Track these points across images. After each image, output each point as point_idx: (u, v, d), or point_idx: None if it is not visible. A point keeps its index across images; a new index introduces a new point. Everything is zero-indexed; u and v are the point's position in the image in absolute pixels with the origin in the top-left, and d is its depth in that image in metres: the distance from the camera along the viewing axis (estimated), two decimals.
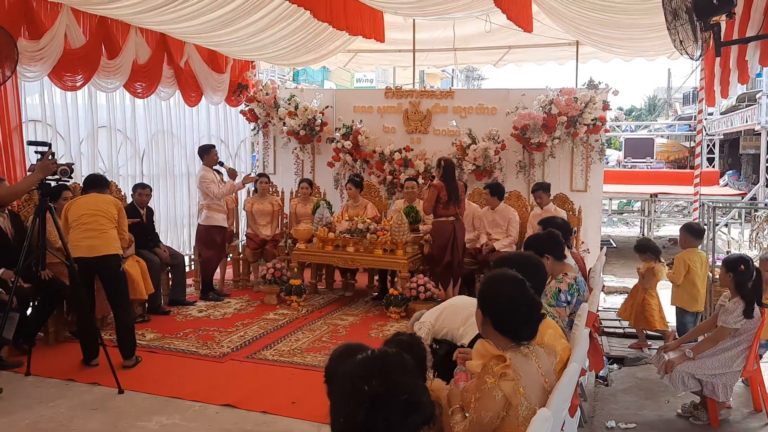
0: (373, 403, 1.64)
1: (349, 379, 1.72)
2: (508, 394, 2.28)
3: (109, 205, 5.26)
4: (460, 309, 3.81)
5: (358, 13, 8.21)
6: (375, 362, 1.76)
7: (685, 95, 25.80)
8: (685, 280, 5.59)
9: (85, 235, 5.08)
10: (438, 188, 6.95)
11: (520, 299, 2.47)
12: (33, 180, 4.51)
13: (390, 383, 1.68)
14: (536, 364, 2.44)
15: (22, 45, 5.99)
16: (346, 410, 1.67)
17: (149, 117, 8.32)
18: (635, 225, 16.81)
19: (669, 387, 4.58)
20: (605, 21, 7.55)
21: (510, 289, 2.50)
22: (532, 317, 2.48)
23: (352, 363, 1.77)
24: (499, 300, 2.48)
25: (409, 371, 1.76)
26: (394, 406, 1.65)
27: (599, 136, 8.65)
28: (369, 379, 1.67)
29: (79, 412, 4.38)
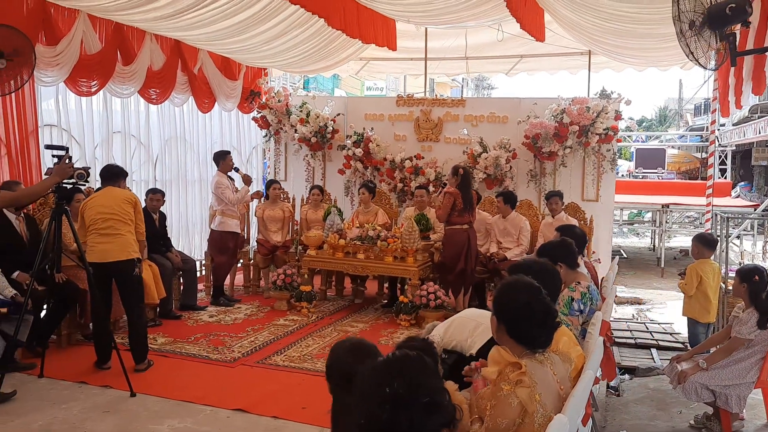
0: (396, 404, 1.65)
1: (370, 380, 1.73)
2: (524, 401, 2.27)
3: (124, 203, 5.22)
4: (468, 321, 3.81)
5: (371, 21, 8.26)
6: (396, 363, 1.76)
7: (696, 106, 25.73)
8: (697, 291, 5.56)
9: (99, 240, 5.11)
10: (454, 195, 6.92)
11: (536, 306, 2.46)
12: (49, 183, 4.55)
13: (412, 385, 1.68)
14: (551, 371, 2.44)
15: (39, 50, 6.06)
16: (367, 411, 1.68)
17: (163, 123, 8.39)
18: (646, 236, 16.75)
19: (681, 398, 4.56)
20: (619, 31, 7.54)
21: (525, 295, 2.49)
22: (547, 324, 2.47)
23: (373, 364, 1.77)
24: (514, 306, 2.47)
25: (430, 373, 1.77)
26: (417, 407, 1.66)
27: (611, 146, 8.63)
28: (391, 381, 1.68)
29: (91, 415, 4.40)
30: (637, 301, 9.12)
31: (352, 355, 2.40)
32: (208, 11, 6.90)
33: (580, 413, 2.44)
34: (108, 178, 5.34)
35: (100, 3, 6.34)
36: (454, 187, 6.98)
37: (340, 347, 2.50)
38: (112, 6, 6.42)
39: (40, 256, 4.67)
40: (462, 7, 7.60)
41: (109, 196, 5.24)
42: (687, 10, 4.09)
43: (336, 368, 2.43)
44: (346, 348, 2.48)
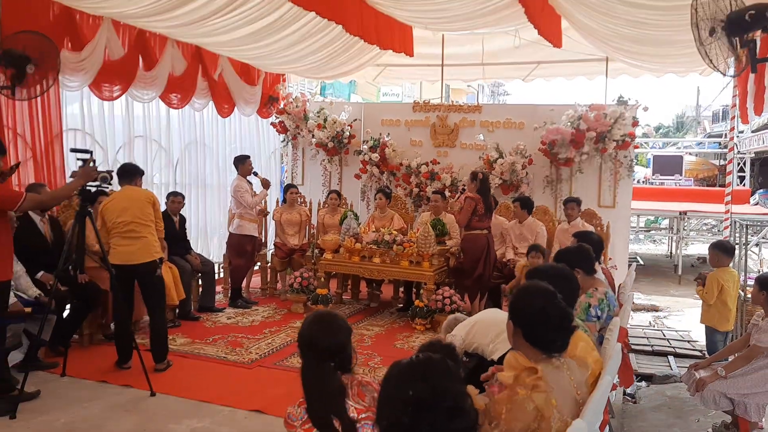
0: (418, 407, 1.67)
1: (394, 382, 1.75)
2: (540, 407, 2.27)
3: (144, 204, 5.29)
4: (492, 325, 3.82)
5: (388, 27, 8.31)
6: (420, 367, 1.78)
7: (714, 113, 25.53)
8: (716, 300, 5.54)
9: (121, 243, 5.20)
10: (476, 200, 6.94)
11: (551, 310, 2.47)
12: (74, 186, 4.63)
13: (435, 388, 1.70)
14: (568, 376, 2.44)
15: (64, 56, 6.17)
16: (390, 413, 1.70)
17: (183, 127, 8.49)
18: (662, 243, 16.64)
19: (699, 406, 4.54)
20: (636, 37, 7.53)
21: (541, 300, 2.50)
22: (564, 328, 2.48)
23: (398, 366, 1.80)
24: (530, 311, 2.48)
25: (453, 377, 1.78)
26: (439, 411, 1.67)
27: (628, 152, 8.61)
28: (414, 384, 1.70)
29: (112, 414, 4.47)
30: (653, 309, 9.08)
31: (315, 324, 2.64)
32: (228, 18, 6.98)
33: (598, 419, 2.45)
34: (125, 176, 5.39)
35: (123, 9, 6.45)
36: (474, 192, 7.00)
37: (306, 318, 2.72)
38: (135, 12, 6.53)
39: (63, 257, 4.76)
40: (479, 14, 7.63)
41: (129, 197, 5.30)
42: (706, 17, 4.09)
43: (300, 336, 2.67)
44: (310, 319, 2.69)
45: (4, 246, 4.37)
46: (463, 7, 7.41)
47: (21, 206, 4.33)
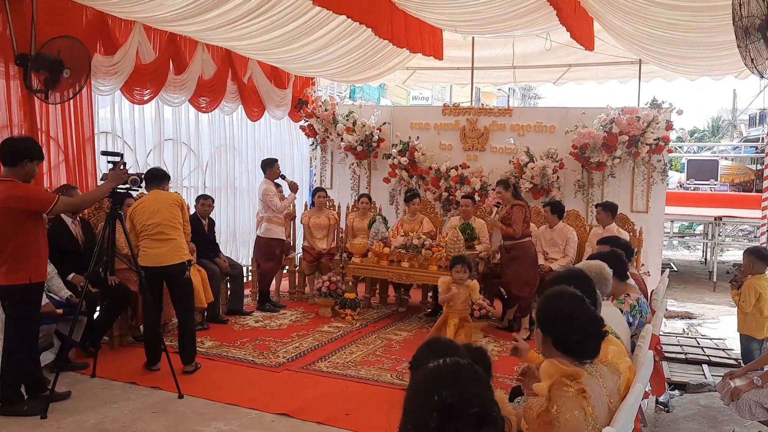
0: (444, 413, 1.62)
1: (419, 388, 1.71)
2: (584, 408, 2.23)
3: (172, 206, 5.34)
4: None
5: (418, 30, 8.30)
6: (447, 371, 1.74)
7: (751, 116, 24.96)
8: (753, 308, 5.39)
9: (151, 245, 5.25)
10: (524, 208, 6.84)
11: (580, 315, 2.42)
12: (106, 188, 4.69)
13: (462, 394, 1.65)
14: (601, 383, 2.39)
15: (97, 60, 6.28)
16: (415, 419, 1.66)
17: (213, 131, 8.56)
18: (697, 249, 16.32)
19: (734, 415, 4.41)
20: (671, 39, 7.40)
21: (568, 306, 2.45)
22: (593, 334, 2.42)
23: (424, 371, 1.76)
24: (559, 318, 2.44)
25: (481, 382, 1.73)
26: (466, 417, 1.63)
27: (662, 157, 8.45)
28: (440, 389, 1.65)
29: (141, 415, 4.50)
30: (687, 316, 8.89)
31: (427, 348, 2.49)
32: (258, 22, 7.04)
33: (629, 427, 2.39)
34: (153, 181, 5.44)
35: (155, 14, 6.53)
36: (512, 200, 6.88)
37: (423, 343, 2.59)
38: (166, 17, 6.61)
39: (94, 259, 4.82)
40: (510, 16, 7.57)
41: (157, 199, 5.35)
42: (748, 15, 3.99)
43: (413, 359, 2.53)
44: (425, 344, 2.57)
45: (40, 248, 4.44)
46: (493, 10, 7.36)
47: (54, 208, 4.40)
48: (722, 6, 5.52)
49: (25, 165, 4.33)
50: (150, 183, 5.43)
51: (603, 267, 3.71)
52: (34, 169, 4.45)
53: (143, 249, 5.25)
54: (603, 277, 3.66)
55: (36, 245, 4.40)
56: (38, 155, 4.47)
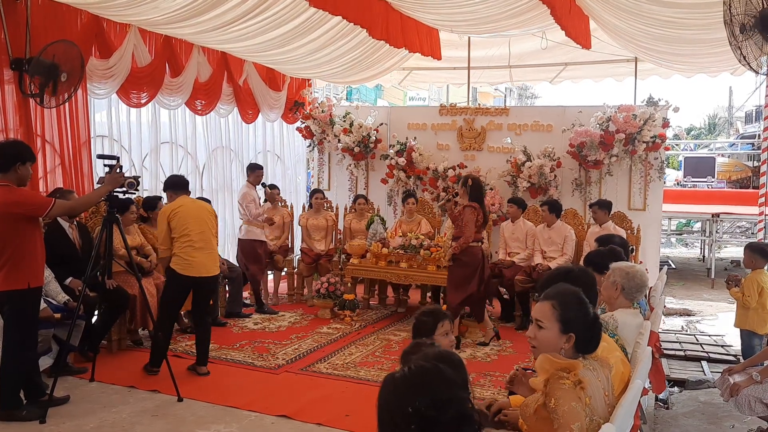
0: (423, 423, 1.61)
1: (391, 400, 1.68)
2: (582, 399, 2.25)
3: (210, 216, 5.44)
4: None
5: (414, 31, 8.30)
6: (415, 379, 1.71)
7: (747, 113, 24.99)
8: (756, 303, 5.40)
9: (194, 254, 5.21)
10: (477, 210, 6.26)
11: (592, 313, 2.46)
12: (102, 192, 4.68)
13: (435, 400, 1.63)
14: (595, 375, 2.41)
15: (93, 63, 6.28)
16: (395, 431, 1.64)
17: (208, 133, 8.55)
18: (695, 246, 16.33)
19: (734, 411, 4.42)
20: (666, 36, 7.41)
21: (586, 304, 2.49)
22: (599, 328, 2.47)
23: (391, 381, 1.71)
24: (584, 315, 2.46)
25: (451, 383, 1.71)
26: (445, 422, 1.61)
27: (659, 154, 8.45)
28: (412, 398, 1.63)
29: (140, 418, 4.50)
30: (686, 313, 8.90)
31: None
32: (253, 24, 7.04)
33: (628, 423, 2.39)
34: (181, 188, 5.44)
35: (150, 17, 6.53)
36: (467, 200, 6.33)
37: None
38: (161, 20, 6.60)
39: (92, 263, 4.80)
40: (505, 16, 7.58)
41: (200, 207, 5.40)
42: (739, 12, 4.00)
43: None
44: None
45: (37, 252, 4.42)
46: (488, 10, 7.36)
47: (50, 213, 4.38)
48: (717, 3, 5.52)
49: (18, 169, 4.31)
50: (179, 189, 5.42)
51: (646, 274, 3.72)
52: (27, 172, 4.42)
53: (184, 257, 5.18)
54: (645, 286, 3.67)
55: (33, 250, 4.38)
56: (29, 157, 4.44)
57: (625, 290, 3.62)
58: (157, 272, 6.28)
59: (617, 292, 3.63)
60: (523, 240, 7.67)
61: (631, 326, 3.42)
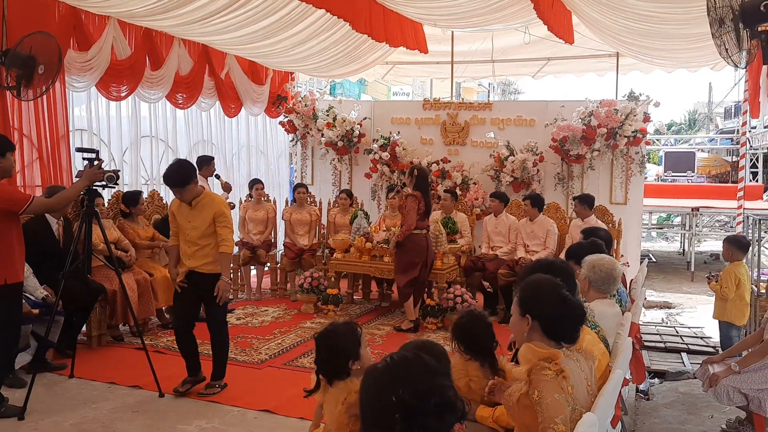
0: (406, 412, 1.61)
1: (374, 391, 1.68)
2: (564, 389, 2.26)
3: None
4: None
5: (398, 25, 8.29)
6: (398, 370, 1.71)
7: (726, 109, 25.26)
8: (734, 294, 5.47)
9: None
10: (418, 198, 6.52)
11: (567, 301, 2.46)
12: (80, 187, 4.60)
13: (418, 389, 1.64)
14: (578, 365, 2.43)
15: (71, 56, 6.20)
16: (378, 423, 1.64)
17: (190, 127, 8.49)
18: (675, 240, 16.51)
19: (713, 401, 4.48)
20: (647, 31, 7.46)
21: (557, 292, 2.49)
22: (579, 319, 2.47)
23: (373, 372, 1.72)
24: (550, 304, 2.46)
25: (432, 372, 1.72)
26: (428, 410, 1.62)
27: (640, 149, 8.53)
28: (396, 389, 1.63)
29: (121, 415, 4.45)
30: (666, 306, 8.99)
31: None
32: (234, 16, 6.98)
33: (609, 413, 2.41)
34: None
35: (129, 9, 6.45)
36: (412, 189, 6.60)
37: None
38: (141, 11, 6.53)
39: (70, 258, 4.74)
40: (488, 10, 7.59)
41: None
42: (721, 5, 4.02)
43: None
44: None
45: (14, 248, 4.34)
46: (471, 4, 7.38)
47: (28, 209, 4.30)
48: None
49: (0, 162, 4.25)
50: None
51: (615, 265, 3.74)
52: (10, 162, 4.34)
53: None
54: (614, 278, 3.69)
55: (10, 246, 4.29)
56: (9, 147, 4.36)
57: (593, 282, 3.65)
58: (137, 267, 6.23)
59: (587, 286, 3.66)
60: (506, 234, 7.70)
61: (608, 316, 3.45)
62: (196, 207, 4.67)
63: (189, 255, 4.72)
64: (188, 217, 4.70)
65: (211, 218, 4.63)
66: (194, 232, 4.66)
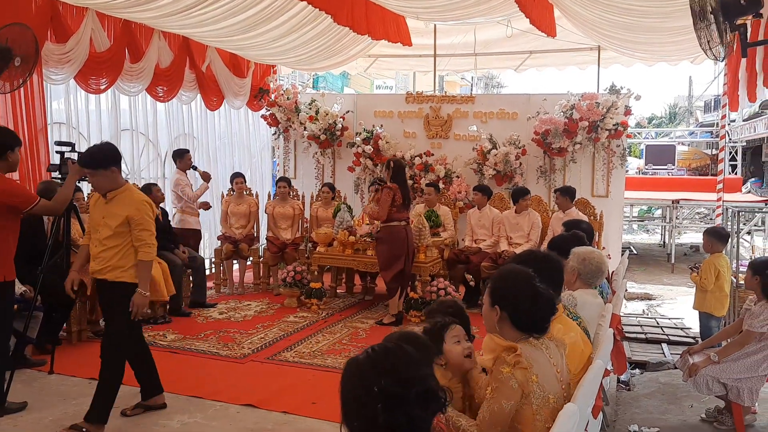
0: (389, 401, 1.61)
1: (356, 382, 1.68)
2: (521, 383, 2.28)
3: None
4: None
5: (380, 17, 8.27)
6: (380, 360, 1.72)
7: (706, 103, 25.54)
8: (713, 285, 5.53)
9: None
10: (393, 190, 6.55)
11: (538, 293, 2.47)
12: (72, 184, 4.53)
13: (401, 378, 1.65)
14: (547, 355, 2.44)
15: (48, 48, 6.11)
16: (361, 415, 1.64)
17: (171, 120, 8.41)
18: (656, 232, 16.68)
19: (693, 391, 4.53)
20: (628, 24, 7.50)
21: (528, 283, 2.49)
22: (549, 311, 2.48)
23: (355, 363, 1.72)
24: (520, 295, 2.47)
25: (414, 361, 1.72)
26: (411, 399, 1.62)
27: (621, 142, 8.60)
28: (378, 379, 1.64)
29: None
30: (647, 297, 9.08)
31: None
32: (215, 8, 6.92)
33: (590, 402, 2.42)
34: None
35: (107, 0, 6.37)
36: (389, 181, 6.67)
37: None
38: (119, 3, 6.45)
39: (48, 253, 4.67)
40: (470, 3, 7.60)
41: None
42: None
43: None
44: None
45: (11, 245, 4.25)
46: None
47: (33, 209, 4.24)
48: None
49: (9, 156, 4.21)
50: None
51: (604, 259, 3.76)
52: (17, 157, 4.31)
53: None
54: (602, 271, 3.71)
55: (7, 243, 4.23)
56: (17, 141, 4.33)
57: (582, 275, 3.67)
58: None
59: (574, 277, 3.68)
60: (489, 227, 7.73)
61: (591, 305, 3.48)
62: (111, 201, 4.01)
63: (93, 256, 4.07)
64: (102, 212, 4.03)
65: (124, 217, 3.95)
66: (104, 230, 3.99)
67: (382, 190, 6.67)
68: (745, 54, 4.50)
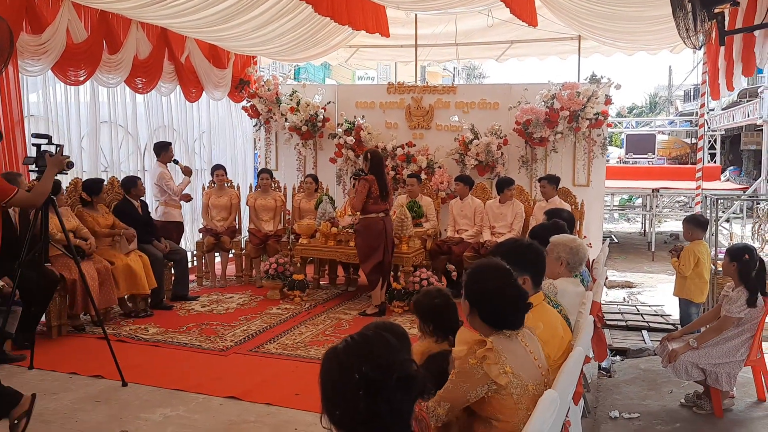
0: (370, 388, 1.63)
1: (336, 370, 1.69)
2: (494, 376, 2.29)
3: None
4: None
5: (360, 7, 8.20)
6: (359, 348, 1.73)
7: (686, 92, 25.76)
8: (693, 272, 5.59)
9: None
10: (370, 182, 6.51)
11: (508, 290, 2.45)
12: (51, 176, 4.45)
13: (381, 364, 1.66)
14: (522, 343, 2.44)
15: (24, 39, 6.00)
16: (342, 402, 1.65)
17: (150, 112, 8.31)
18: (636, 221, 16.83)
19: (672, 377, 4.59)
20: (608, 14, 7.53)
21: (497, 280, 2.48)
22: (519, 307, 2.46)
23: (335, 352, 1.73)
24: (487, 291, 2.46)
25: (393, 348, 1.74)
26: (391, 385, 1.64)
27: (601, 131, 8.65)
28: (358, 366, 1.65)
29: (83, 405, 4.37)
30: (628, 285, 9.17)
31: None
32: None
33: (571, 388, 2.44)
34: None
35: None
36: (367, 173, 6.64)
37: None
38: None
39: (26, 246, 4.61)
40: None
41: None
42: None
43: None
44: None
45: None
46: None
47: (10, 201, 4.15)
48: None
49: None
50: None
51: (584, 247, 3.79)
52: None
53: None
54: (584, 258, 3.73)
55: None
56: None
57: (570, 264, 3.69)
58: (97, 255, 6.10)
59: (561, 267, 3.69)
60: (471, 217, 7.75)
61: (571, 293, 3.50)
62: None
63: None
64: None
65: None
66: None
67: (359, 181, 6.66)
68: (723, 42, 4.54)
